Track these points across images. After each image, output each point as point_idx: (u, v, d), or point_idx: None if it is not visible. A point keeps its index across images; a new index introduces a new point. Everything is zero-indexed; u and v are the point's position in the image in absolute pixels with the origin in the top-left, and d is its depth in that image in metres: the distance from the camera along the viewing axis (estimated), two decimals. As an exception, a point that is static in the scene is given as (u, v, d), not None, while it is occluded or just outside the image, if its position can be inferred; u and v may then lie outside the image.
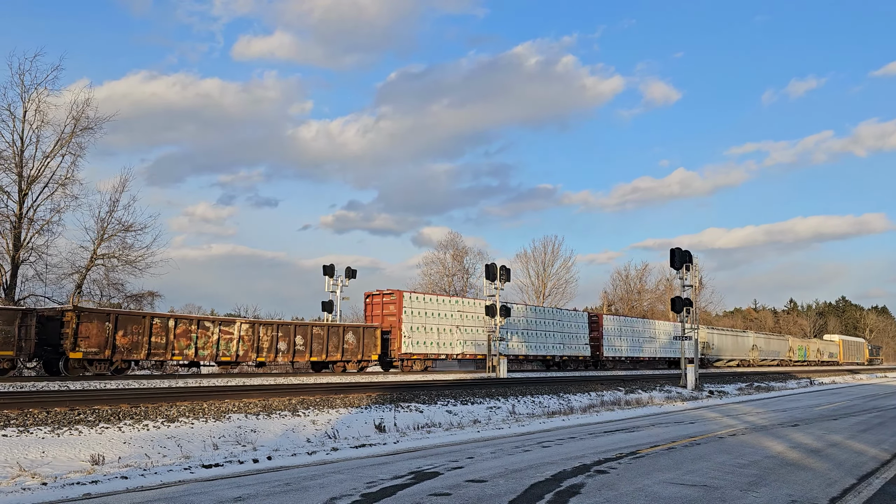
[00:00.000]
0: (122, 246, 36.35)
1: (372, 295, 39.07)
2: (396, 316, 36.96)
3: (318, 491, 7.74)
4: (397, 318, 36.87)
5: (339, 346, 33.94)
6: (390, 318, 37.14)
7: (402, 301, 37.14)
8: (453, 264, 66.46)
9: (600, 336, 51.83)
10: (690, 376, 29.42)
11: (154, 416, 12.71)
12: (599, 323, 52.42)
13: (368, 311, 38.88)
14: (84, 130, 34.74)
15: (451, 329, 39.54)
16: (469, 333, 41.18)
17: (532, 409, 18.76)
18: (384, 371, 37.15)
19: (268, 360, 31.29)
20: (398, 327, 36.69)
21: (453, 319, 40.56)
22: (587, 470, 9.27)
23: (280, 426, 12.96)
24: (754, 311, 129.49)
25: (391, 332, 36.92)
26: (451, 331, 39.47)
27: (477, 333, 41.44)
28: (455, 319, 40.70)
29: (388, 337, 36.94)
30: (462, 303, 42.60)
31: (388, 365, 38.13)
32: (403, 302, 37.15)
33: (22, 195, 33.24)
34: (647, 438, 13.11)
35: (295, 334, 32.31)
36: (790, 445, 12.37)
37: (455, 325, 39.91)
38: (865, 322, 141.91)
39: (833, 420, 17.59)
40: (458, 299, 43.13)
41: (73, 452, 9.78)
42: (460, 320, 41.18)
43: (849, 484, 8.71)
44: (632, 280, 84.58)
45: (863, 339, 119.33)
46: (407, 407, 16.64)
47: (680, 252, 31.47)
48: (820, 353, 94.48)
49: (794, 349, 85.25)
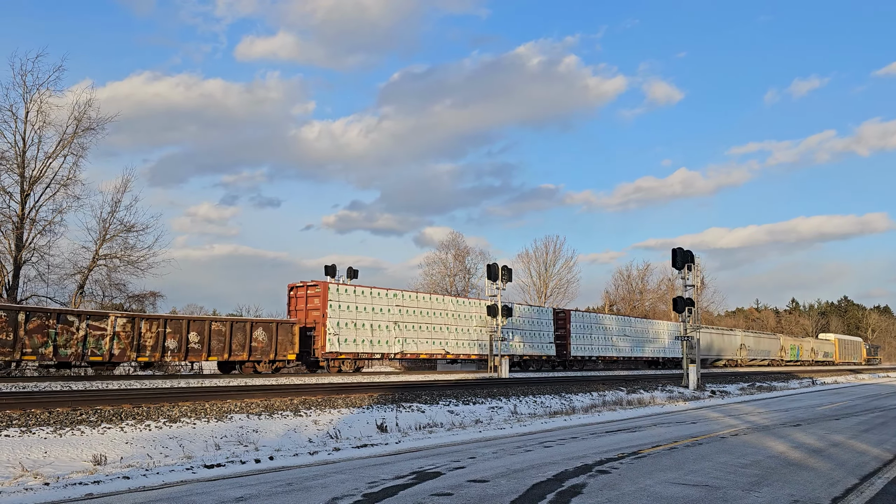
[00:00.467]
0: (123, 246, 36.49)
1: (295, 287, 35.04)
2: (321, 310, 32.96)
3: (321, 491, 7.75)
4: (321, 313, 32.90)
5: (245, 344, 30.02)
6: (314, 312, 33.27)
7: (328, 294, 33.24)
8: (455, 264, 66.53)
9: (567, 334, 48.73)
10: (692, 376, 29.40)
11: (156, 417, 12.72)
12: (567, 320, 49.26)
13: (292, 306, 34.79)
14: (86, 131, 34.87)
15: (389, 325, 35.92)
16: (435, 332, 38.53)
17: (534, 409, 18.76)
18: (311, 372, 33.89)
19: (153, 360, 27.82)
20: (322, 323, 32.77)
21: (415, 317, 37.56)
22: (589, 470, 9.26)
23: (282, 426, 12.97)
24: (756, 310, 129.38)
25: (315, 329, 33.20)
26: (388, 327, 35.86)
27: (445, 332, 39.07)
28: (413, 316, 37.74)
29: (313, 334, 33.19)
30: (431, 299, 39.63)
31: (315, 365, 34.70)
32: (329, 295, 33.23)
33: (24, 196, 33.31)
34: (649, 438, 13.10)
35: (188, 330, 28.48)
36: (792, 445, 12.36)
37: (394, 320, 36.19)
38: (867, 322, 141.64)
39: (835, 420, 17.57)
40: (416, 294, 39.34)
41: (76, 452, 9.79)
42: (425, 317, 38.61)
43: (851, 484, 8.70)
44: (633, 280, 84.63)
45: (860, 339, 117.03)
46: (409, 407, 16.65)
47: (682, 252, 31.45)
48: (814, 353, 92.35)
49: (785, 348, 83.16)
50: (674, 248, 31.65)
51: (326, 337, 32.70)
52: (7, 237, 32.74)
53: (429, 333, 38.21)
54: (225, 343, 29.49)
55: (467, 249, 67.73)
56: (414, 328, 37.45)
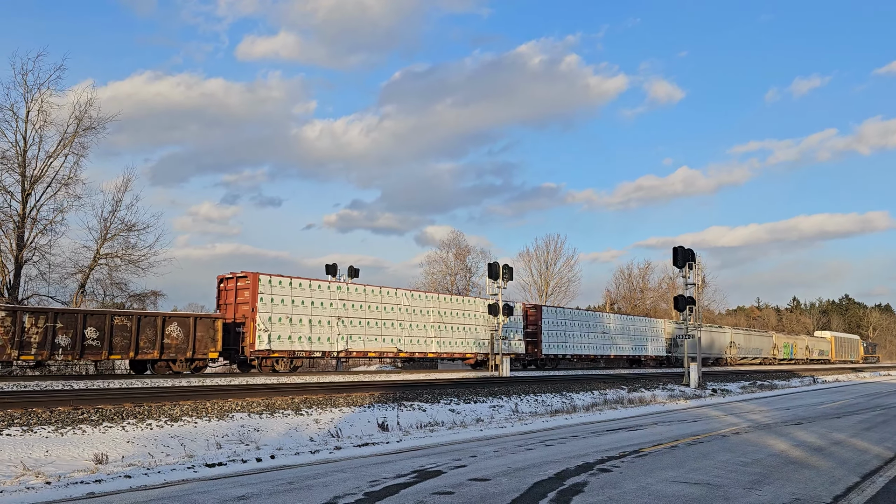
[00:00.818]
0: (125, 245, 36.50)
1: (225, 279, 31.89)
2: (250, 304, 30.06)
3: (322, 490, 7.75)
4: (251, 307, 30.02)
5: (155, 340, 26.90)
6: (244, 306, 30.42)
7: (258, 286, 30.19)
8: (456, 263, 66.50)
9: (539, 331, 45.26)
10: (693, 375, 29.41)
11: (157, 416, 12.73)
12: (538, 315, 45.70)
13: (222, 299, 31.78)
14: (87, 130, 34.87)
15: (331, 321, 32.78)
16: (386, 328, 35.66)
17: (535, 407, 18.76)
18: (243, 372, 31.19)
19: (41, 359, 24.45)
20: (252, 318, 29.88)
21: (363, 312, 34.53)
22: (590, 468, 9.26)
23: (283, 425, 12.98)
24: (757, 309, 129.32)
25: (245, 324, 30.24)
26: (330, 323, 32.77)
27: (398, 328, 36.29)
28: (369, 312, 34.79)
29: (242, 330, 30.22)
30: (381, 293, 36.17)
31: (247, 365, 31.30)
32: (259, 287, 30.19)
33: (25, 195, 33.32)
34: (650, 437, 13.10)
35: (85, 325, 25.19)
36: (793, 444, 12.36)
37: (337, 316, 33.18)
38: (869, 320, 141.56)
39: (836, 418, 17.56)
40: (363, 288, 35.38)
41: (77, 452, 9.81)
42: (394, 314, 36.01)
43: (852, 482, 8.69)
44: (634, 279, 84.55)
45: (857, 337, 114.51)
46: (410, 406, 16.65)
47: (683, 250, 31.44)
48: (809, 351, 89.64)
49: (778, 346, 79.98)
50: (675, 247, 31.66)
51: (256, 333, 29.79)
52: (8, 236, 32.78)
53: (378, 330, 35.14)
54: (131, 340, 26.26)
55: (468, 248, 67.72)
56: (361, 324, 34.39)
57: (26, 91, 33.55)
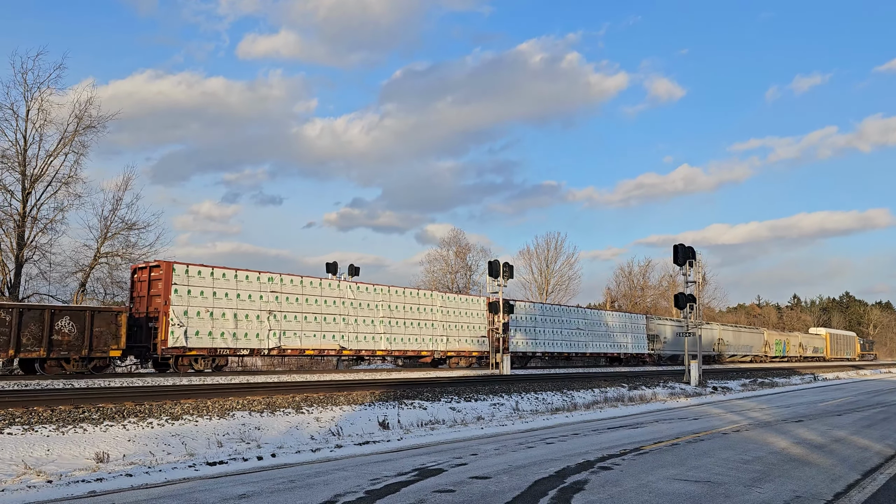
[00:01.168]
0: (125, 244, 36.50)
1: (138, 269, 29.08)
2: (163, 296, 27.18)
3: (323, 488, 7.76)
4: (164, 300, 27.15)
5: (42, 336, 23.91)
6: (157, 299, 27.49)
7: (171, 276, 27.27)
8: (456, 261, 66.50)
9: (505, 328, 41.91)
10: (694, 372, 29.43)
11: (158, 414, 12.74)
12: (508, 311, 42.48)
13: (136, 292, 28.85)
14: (87, 129, 34.83)
15: (260, 315, 29.88)
16: (328, 324, 32.76)
17: (535, 405, 18.77)
18: (159, 372, 28.13)
19: None
20: (164, 311, 27.00)
21: (299, 306, 31.56)
22: (591, 466, 9.27)
23: (284, 423, 12.99)
24: (758, 306, 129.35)
25: (158, 319, 27.42)
26: (260, 318, 29.82)
27: (342, 324, 33.34)
28: (302, 305, 31.84)
29: (155, 325, 27.31)
30: (322, 286, 33.07)
31: (163, 364, 28.33)
32: (173, 278, 27.29)
33: (25, 194, 33.32)
34: (651, 435, 13.11)
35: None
36: (794, 441, 12.36)
37: (268, 310, 30.20)
38: (869, 317, 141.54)
39: (837, 416, 17.56)
40: (299, 279, 32.24)
41: (78, 450, 9.81)
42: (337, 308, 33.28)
43: (853, 479, 8.70)
44: (635, 276, 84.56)
45: (853, 334, 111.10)
46: (410, 404, 16.66)
47: (683, 248, 31.44)
48: (802, 349, 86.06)
49: (769, 343, 76.65)
50: (675, 245, 31.66)
51: (168, 328, 26.84)
52: (9, 235, 32.78)
53: (317, 325, 32.21)
54: (10, 336, 23.09)
55: (469, 246, 67.69)
56: (297, 319, 31.46)
57: (26, 90, 33.55)
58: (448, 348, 38.92)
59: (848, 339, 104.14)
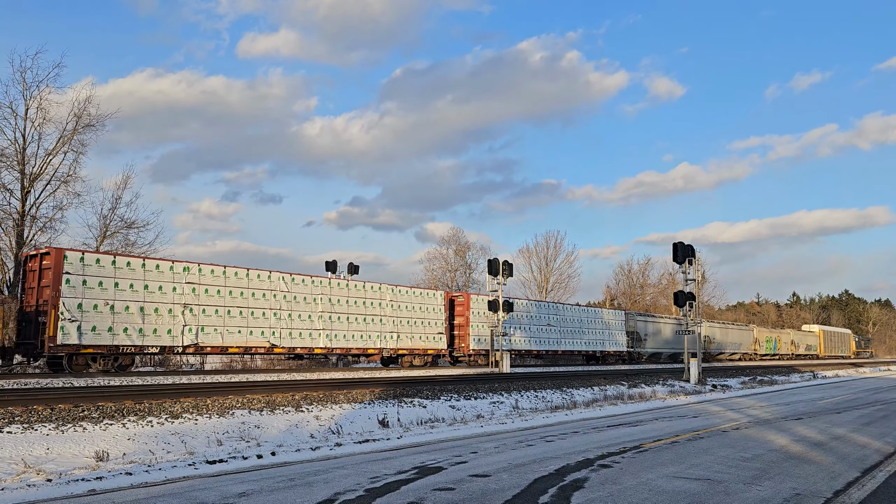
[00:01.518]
0: (124, 243, 36.47)
1: (30, 257, 26.29)
2: (52, 287, 24.16)
3: (323, 486, 7.76)
4: (54, 291, 24.16)
5: None
6: (48, 290, 24.45)
7: (62, 265, 24.24)
8: (456, 260, 66.51)
9: (466, 323, 39.90)
10: (693, 370, 29.44)
11: (158, 413, 12.74)
12: (466, 306, 39.95)
13: (28, 282, 25.77)
14: (86, 128, 34.78)
15: (174, 309, 26.94)
16: (256, 318, 29.73)
17: (535, 403, 18.78)
18: (53, 372, 25.13)
19: None
20: (54, 304, 23.98)
21: (220, 299, 28.60)
22: (591, 464, 9.27)
23: (284, 422, 12.99)
24: (757, 304, 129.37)
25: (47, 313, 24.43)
26: (173, 311, 26.90)
27: (273, 319, 30.48)
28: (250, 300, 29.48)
29: (45, 320, 24.36)
30: (249, 277, 30.04)
31: (56, 364, 25.43)
32: (65, 266, 24.29)
33: (24, 192, 33.29)
34: (651, 433, 13.11)
35: None
36: (794, 439, 12.37)
37: (183, 303, 27.31)
38: (868, 315, 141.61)
39: (836, 413, 17.58)
40: (222, 269, 29.23)
41: (78, 449, 9.81)
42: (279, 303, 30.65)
43: (853, 477, 8.71)
44: (634, 274, 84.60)
45: (849, 331, 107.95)
46: (410, 402, 16.67)
47: (683, 246, 31.46)
48: (795, 346, 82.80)
49: (759, 341, 73.42)
50: (675, 243, 31.68)
51: (58, 323, 23.88)
52: (8, 234, 32.77)
53: (243, 320, 29.27)
54: None
55: (468, 245, 67.69)
56: (219, 313, 28.49)
57: (25, 88, 33.50)
58: (399, 346, 36.00)
59: (843, 336, 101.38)
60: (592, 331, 49.90)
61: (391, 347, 35.85)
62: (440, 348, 38.65)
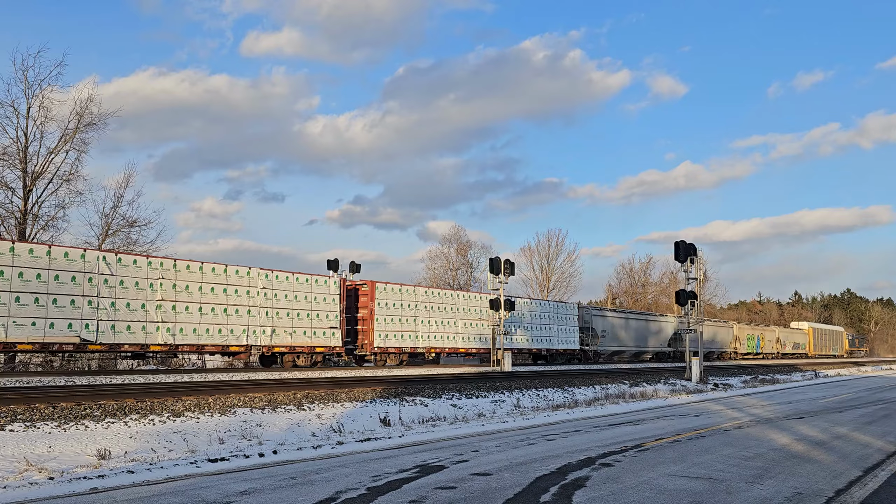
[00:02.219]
0: (126, 241, 36.55)
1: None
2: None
3: (324, 484, 7.76)
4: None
5: None
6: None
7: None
8: (457, 258, 66.53)
9: (370, 316, 35.00)
10: (695, 369, 29.41)
11: (160, 411, 12.75)
12: (371, 296, 35.16)
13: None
14: (87, 126, 34.85)
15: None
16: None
17: (537, 402, 18.78)
18: None
19: None
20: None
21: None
22: (592, 463, 9.27)
23: (285, 420, 13.00)
24: (759, 303, 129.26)
25: None
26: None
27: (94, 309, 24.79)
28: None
29: None
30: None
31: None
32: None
33: (26, 191, 33.33)
34: (652, 431, 13.11)
35: None
36: (795, 438, 12.36)
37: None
38: (870, 314, 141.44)
39: (838, 412, 17.56)
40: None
41: (80, 447, 9.82)
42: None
43: (855, 476, 8.70)
44: (636, 273, 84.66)
45: (841, 328, 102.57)
46: (412, 401, 16.67)
47: (684, 245, 31.43)
48: (781, 344, 76.70)
49: (740, 339, 67.93)
50: (676, 241, 31.65)
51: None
52: (10, 232, 32.80)
53: (39, 309, 23.49)
54: None
55: (469, 243, 67.74)
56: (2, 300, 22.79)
57: (27, 87, 33.53)
58: (275, 342, 30.66)
59: (834, 333, 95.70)
60: (537, 326, 44.52)
61: (264, 344, 30.06)
62: (333, 346, 32.95)
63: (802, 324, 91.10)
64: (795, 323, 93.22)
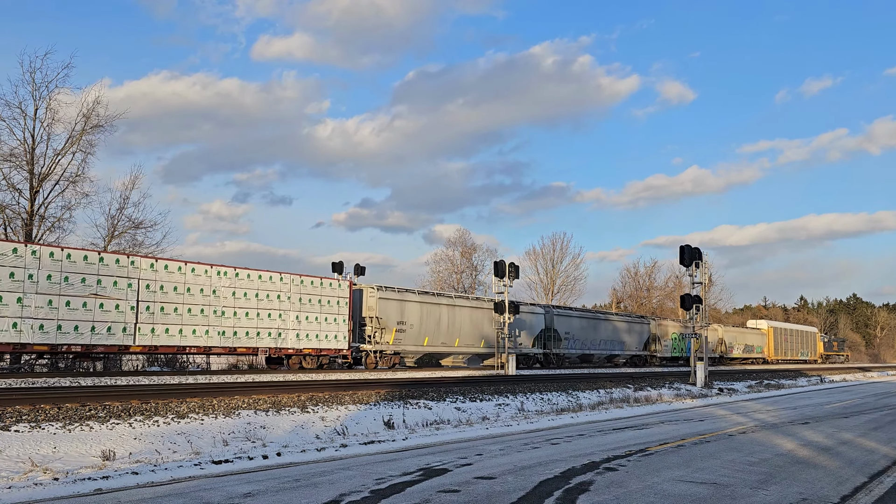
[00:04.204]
0: (132, 243, 36.60)
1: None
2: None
3: (328, 487, 7.77)
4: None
5: None
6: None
7: None
8: (462, 261, 66.47)
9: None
10: (700, 374, 29.33)
11: (164, 413, 12.78)
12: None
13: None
14: (94, 128, 34.94)
15: None
16: None
17: (541, 406, 18.74)
18: None
19: None
20: None
21: None
22: (596, 467, 9.25)
23: (289, 422, 13.01)
24: (764, 308, 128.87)
25: None
26: None
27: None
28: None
29: None
30: None
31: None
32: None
33: (33, 192, 33.45)
34: (657, 436, 13.07)
35: None
36: (801, 443, 12.31)
37: None
38: (877, 319, 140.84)
39: (844, 418, 17.48)
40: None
41: (85, 448, 9.85)
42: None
43: (860, 482, 8.65)
44: (641, 277, 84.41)
45: (814, 329, 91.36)
46: (416, 404, 16.66)
47: (689, 249, 31.36)
48: (724, 346, 64.55)
49: (660, 339, 56.31)
50: (681, 246, 31.58)
51: None
52: (16, 233, 32.92)
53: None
54: None
55: (474, 246, 67.66)
56: None
57: (34, 89, 33.65)
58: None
59: (805, 335, 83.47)
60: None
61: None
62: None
63: (761, 322, 78.92)
64: (752, 322, 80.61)
